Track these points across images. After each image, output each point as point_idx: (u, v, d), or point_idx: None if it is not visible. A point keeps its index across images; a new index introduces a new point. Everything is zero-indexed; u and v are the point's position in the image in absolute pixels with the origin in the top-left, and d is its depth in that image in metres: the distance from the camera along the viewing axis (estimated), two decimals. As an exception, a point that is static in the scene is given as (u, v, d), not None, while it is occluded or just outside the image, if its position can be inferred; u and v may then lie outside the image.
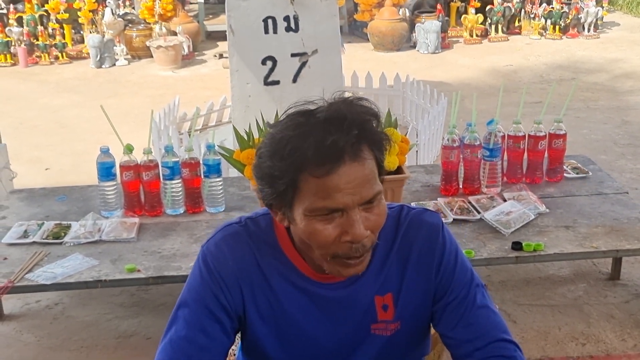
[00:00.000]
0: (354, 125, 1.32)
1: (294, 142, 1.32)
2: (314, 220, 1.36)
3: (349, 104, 1.37)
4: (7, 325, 3.26)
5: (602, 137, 5.77)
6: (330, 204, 1.33)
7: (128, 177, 3.16)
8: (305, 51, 4.35)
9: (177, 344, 1.50)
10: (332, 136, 1.30)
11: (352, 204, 1.34)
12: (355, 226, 1.35)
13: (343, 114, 1.33)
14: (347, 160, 1.32)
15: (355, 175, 1.33)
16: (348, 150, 1.31)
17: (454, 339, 1.56)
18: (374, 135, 1.37)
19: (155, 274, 2.76)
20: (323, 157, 1.30)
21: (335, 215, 1.36)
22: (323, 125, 1.32)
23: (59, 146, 5.95)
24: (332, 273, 1.44)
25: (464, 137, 3.28)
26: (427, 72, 8.01)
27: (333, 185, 1.32)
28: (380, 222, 1.41)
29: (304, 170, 1.32)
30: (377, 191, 1.37)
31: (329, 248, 1.38)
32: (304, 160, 1.31)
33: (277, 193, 1.38)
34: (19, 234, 3.05)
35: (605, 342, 3.04)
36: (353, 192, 1.33)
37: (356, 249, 1.38)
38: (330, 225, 1.36)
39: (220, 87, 7.16)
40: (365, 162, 1.34)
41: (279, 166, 1.34)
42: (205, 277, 1.51)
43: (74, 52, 9.24)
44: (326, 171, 1.31)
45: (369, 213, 1.38)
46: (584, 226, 3.05)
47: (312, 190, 1.33)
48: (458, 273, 1.54)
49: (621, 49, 9.02)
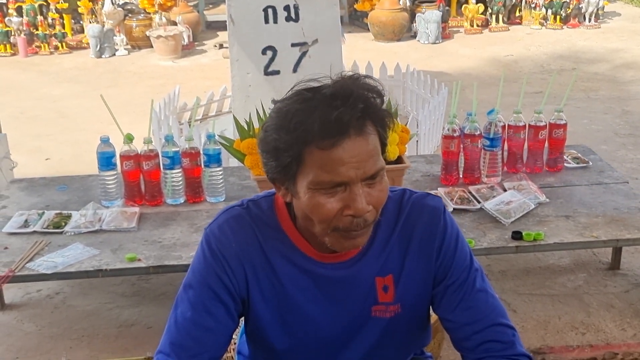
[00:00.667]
0: (360, 100, 1.35)
1: (300, 116, 1.34)
2: (317, 194, 1.38)
3: (355, 80, 1.39)
4: (8, 314, 3.27)
5: (603, 127, 5.77)
6: (335, 177, 1.35)
7: (128, 167, 3.16)
8: (305, 41, 4.34)
9: (182, 325, 1.52)
10: (338, 110, 1.32)
11: (355, 178, 1.36)
12: (358, 200, 1.37)
13: (349, 89, 1.36)
14: (352, 135, 1.34)
15: (359, 150, 1.35)
16: (353, 125, 1.33)
17: (453, 322, 1.58)
18: (378, 112, 1.39)
19: (156, 263, 2.76)
20: (328, 131, 1.32)
21: (339, 189, 1.37)
22: (329, 100, 1.34)
23: (59, 136, 5.94)
24: (333, 246, 1.46)
25: (465, 127, 3.28)
26: (427, 62, 8.00)
27: (337, 159, 1.34)
28: (382, 198, 1.43)
29: (309, 143, 1.34)
30: (380, 167, 1.39)
31: (330, 222, 1.40)
32: (310, 133, 1.33)
33: (281, 166, 1.39)
34: (19, 223, 3.05)
35: (605, 332, 3.05)
36: (357, 166, 1.35)
37: (357, 223, 1.40)
38: (333, 199, 1.38)
39: (220, 77, 7.15)
40: (370, 138, 1.37)
41: (285, 139, 1.36)
42: (208, 259, 1.52)
43: (73, 42, 9.22)
44: (331, 144, 1.33)
45: (371, 189, 1.40)
46: (584, 216, 3.06)
47: (317, 163, 1.35)
48: (458, 256, 1.56)
49: (622, 39, 9.00)
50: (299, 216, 1.48)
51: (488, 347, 1.54)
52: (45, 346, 3.04)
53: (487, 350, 1.54)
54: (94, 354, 2.94)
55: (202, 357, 1.52)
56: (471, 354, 1.57)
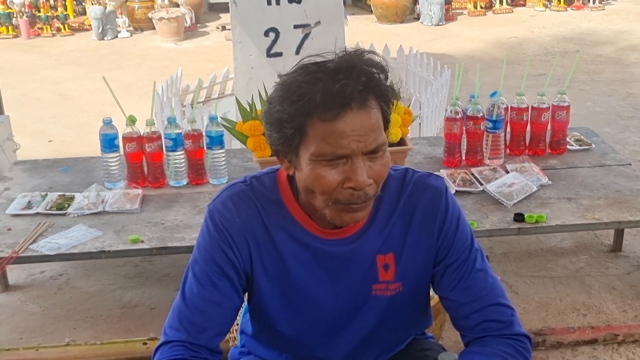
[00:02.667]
0: (362, 73, 1.35)
1: (303, 88, 1.35)
2: (318, 165, 1.39)
3: (359, 55, 1.40)
4: (12, 295, 3.29)
5: (606, 110, 5.75)
6: (336, 149, 1.36)
7: (131, 149, 3.16)
8: (308, 23, 4.33)
9: (190, 300, 1.54)
10: (340, 82, 1.33)
11: (357, 151, 1.37)
12: (359, 173, 1.38)
13: (353, 63, 1.36)
14: (354, 107, 1.35)
15: (361, 124, 1.36)
16: (355, 97, 1.34)
17: (452, 301, 1.59)
18: (381, 87, 1.39)
19: (159, 244, 2.77)
20: (331, 102, 1.33)
21: (340, 162, 1.38)
22: (333, 73, 1.35)
23: (62, 118, 5.95)
24: (333, 219, 1.47)
25: (467, 109, 3.27)
26: (430, 44, 7.98)
27: (339, 131, 1.35)
28: (383, 173, 1.43)
29: (311, 115, 1.36)
30: (382, 142, 1.40)
31: (331, 194, 1.41)
32: (312, 105, 1.34)
33: (285, 138, 1.41)
34: (22, 205, 3.06)
35: (606, 313, 3.06)
36: (359, 139, 1.36)
37: (358, 196, 1.41)
38: (334, 171, 1.39)
39: (223, 59, 7.14)
40: (372, 112, 1.38)
41: (288, 110, 1.37)
42: (213, 234, 1.54)
43: (76, 23, 9.20)
44: (333, 116, 1.34)
45: (373, 163, 1.41)
46: (586, 198, 3.06)
47: (319, 135, 1.36)
48: (459, 236, 1.57)
49: (626, 21, 8.96)
50: (301, 189, 1.49)
51: (487, 326, 1.56)
52: (49, 327, 3.05)
53: (486, 329, 1.56)
54: (97, 335, 2.95)
55: (210, 331, 1.54)
56: (470, 333, 1.59)
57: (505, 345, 1.54)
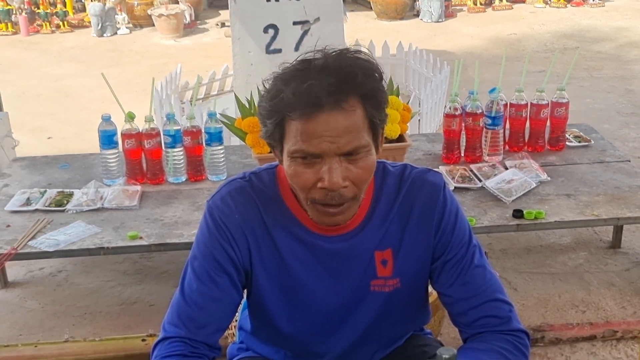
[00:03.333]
0: (334, 74, 1.35)
1: (279, 85, 1.38)
2: (295, 163, 1.40)
3: (339, 54, 1.39)
4: (11, 292, 3.29)
5: (606, 106, 5.75)
6: (308, 148, 1.37)
7: (130, 145, 3.16)
8: (307, 19, 4.32)
9: (189, 296, 1.54)
10: (308, 82, 1.34)
11: (329, 152, 1.37)
12: (331, 174, 1.38)
13: (328, 63, 1.36)
14: (326, 109, 1.35)
15: (335, 125, 1.35)
16: (325, 98, 1.34)
17: (450, 297, 1.59)
18: (361, 88, 1.37)
19: (158, 241, 2.77)
20: (299, 102, 1.35)
21: (316, 161, 1.39)
22: (306, 72, 1.36)
23: (61, 115, 5.94)
24: (314, 219, 1.48)
25: (466, 105, 3.27)
26: (430, 41, 7.97)
27: (311, 131, 1.36)
28: (362, 177, 1.42)
29: (285, 113, 1.37)
30: (361, 145, 1.39)
31: (308, 192, 1.42)
32: (284, 103, 1.36)
33: (269, 133, 1.44)
34: (21, 201, 3.06)
35: (605, 310, 3.06)
36: (331, 140, 1.36)
37: (332, 196, 1.41)
38: (309, 170, 1.40)
39: (222, 55, 7.14)
40: (349, 113, 1.36)
41: (266, 107, 1.41)
42: (212, 230, 1.54)
43: (75, 20, 9.20)
44: (303, 115, 1.35)
45: (351, 164, 1.40)
46: (585, 194, 3.06)
47: (293, 133, 1.38)
48: (457, 232, 1.56)
49: (626, 18, 8.96)
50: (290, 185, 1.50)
51: (485, 322, 1.56)
52: (48, 323, 3.06)
53: (484, 325, 1.56)
54: (96, 331, 2.95)
55: (209, 327, 1.54)
56: (468, 329, 1.59)
57: (503, 341, 1.53)
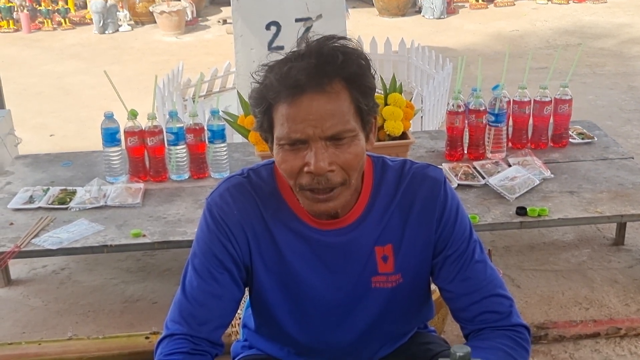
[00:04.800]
0: (314, 56, 1.36)
1: (265, 73, 1.41)
2: (282, 149, 1.41)
3: (322, 39, 1.40)
4: (14, 289, 3.29)
5: (608, 103, 5.74)
6: (294, 134, 1.37)
7: (133, 143, 3.15)
8: (309, 16, 4.32)
9: (190, 294, 1.54)
10: (289, 65, 1.36)
11: (313, 136, 1.37)
12: (316, 158, 1.38)
13: (310, 48, 1.38)
14: (308, 91, 1.35)
15: (317, 108, 1.36)
16: (305, 80, 1.35)
17: (451, 292, 1.59)
18: (342, 70, 1.38)
19: (161, 239, 2.77)
20: (282, 86, 1.36)
21: (301, 146, 1.39)
22: (288, 58, 1.38)
23: (63, 112, 5.94)
24: (305, 208, 1.48)
25: (469, 103, 3.26)
26: (432, 38, 7.97)
27: (294, 115, 1.36)
28: (350, 162, 1.41)
29: (270, 99, 1.39)
30: (346, 129, 1.39)
31: (295, 178, 1.42)
32: (268, 89, 1.38)
33: (259, 122, 1.45)
34: (24, 199, 3.06)
35: (608, 307, 3.05)
36: (314, 124, 1.36)
37: (319, 181, 1.40)
38: (296, 156, 1.40)
39: (224, 52, 7.14)
40: (331, 96, 1.37)
41: (254, 95, 1.43)
42: (212, 227, 1.54)
43: (76, 17, 9.20)
44: (287, 99, 1.36)
45: (338, 149, 1.40)
46: (588, 191, 3.05)
47: (279, 119, 1.39)
48: (458, 227, 1.56)
49: (629, 14, 8.94)
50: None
51: (485, 317, 1.56)
52: (52, 321, 3.06)
53: (485, 321, 1.56)
54: (99, 329, 2.96)
55: (211, 324, 1.54)
56: (469, 325, 1.59)
57: (504, 337, 1.53)
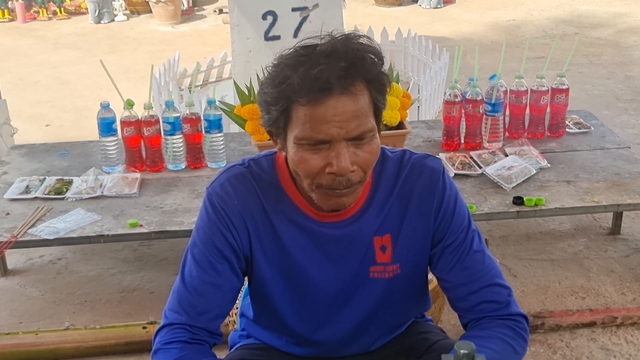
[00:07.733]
0: (344, 58, 1.34)
1: (286, 71, 1.36)
2: (301, 149, 1.40)
3: (345, 38, 1.38)
4: (11, 280, 3.29)
5: (605, 93, 5.74)
6: (317, 134, 1.36)
7: (129, 133, 3.15)
8: (306, 5, 4.31)
9: (189, 283, 1.54)
10: (319, 67, 1.33)
11: (338, 137, 1.36)
12: (340, 159, 1.37)
13: (336, 47, 1.36)
14: (335, 93, 1.34)
15: (343, 109, 1.35)
16: (335, 82, 1.33)
17: (449, 282, 1.59)
18: (368, 72, 1.38)
19: (158, 228, 2.77)
20: (309, 87, 1.33)
21: (323, 147, 1.38)
22: (315, 57, 1.35)
23: (59, 102, 5.92)
24: (319, 203, 1.47)
25: (466, 92, 3.26)
26: (429, 27, 7.95)
27: (320, 116, 1.35)
28: (369, 160, 1.42)
29: (293, 99, 1.36)
30: (367, 129, 1.39)
31: (314, 178, 1.42)
32: (292, 89, 1.35)
33: (272, 120, 1.42)
34: (20, 189, 3.05)
35: (604, 296, 3.06)
36: (340, 125, 1.35)
37: (339, 181, 1.40)
38: (317, 155, 1.39)
39: (220, 42, 7.12)
40: (356, 97, 1.36)
41: (272, 93, 1.39)
42: (212, 217, 1.54)
43: (72, 7, 9.15)
44: (313, 101, 1.34)
45: (358, 149, 1.40)
46: (585, 181, 3.05)
47: (301, 119, 1.37)
48: (456, 217, 1.57)
49: (625, 3, 8.92)
50: (293, 173, 1.49)
51: (484, 307, 1.56)
52: (49, 311, 3.06)
53: (483, 310, 1.56)
54: (96, 319, 2.95)
55: (209, 313, 1.55)
56: (468, 314, 1.59)
57: (503, 326, 1.54)
